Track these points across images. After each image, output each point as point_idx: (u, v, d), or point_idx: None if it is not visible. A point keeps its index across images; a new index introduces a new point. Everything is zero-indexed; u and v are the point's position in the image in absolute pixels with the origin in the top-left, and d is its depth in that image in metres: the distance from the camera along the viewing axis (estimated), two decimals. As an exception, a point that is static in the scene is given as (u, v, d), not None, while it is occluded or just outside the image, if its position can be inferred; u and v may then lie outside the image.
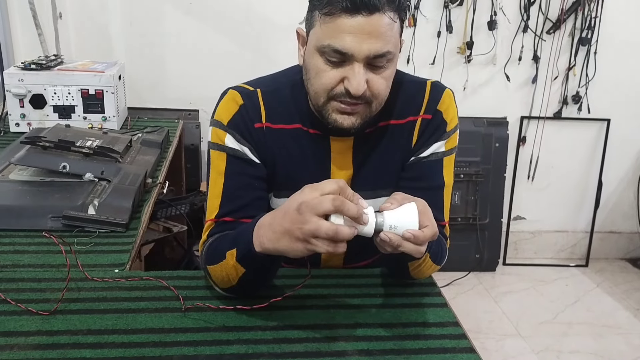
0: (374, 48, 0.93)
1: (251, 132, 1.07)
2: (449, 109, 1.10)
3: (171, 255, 2.28)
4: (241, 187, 1.06)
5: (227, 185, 1.06)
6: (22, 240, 1.22)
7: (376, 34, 0.92)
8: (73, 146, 1.54)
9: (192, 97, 2.69)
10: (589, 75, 2.81)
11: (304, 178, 1.10)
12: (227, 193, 1.06)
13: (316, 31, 0.96)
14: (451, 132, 1.10)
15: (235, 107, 1.06)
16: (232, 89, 1.09)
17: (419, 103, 1.09)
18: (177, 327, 0.94)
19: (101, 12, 2.55)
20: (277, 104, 1.08)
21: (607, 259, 3.17)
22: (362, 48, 0.93)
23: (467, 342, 0.94)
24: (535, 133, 2.90)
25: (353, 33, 0.92)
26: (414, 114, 1.09)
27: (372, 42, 0.92)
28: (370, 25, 0.91)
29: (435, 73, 2.71)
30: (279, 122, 1.08)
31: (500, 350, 2.36)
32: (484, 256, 2.96)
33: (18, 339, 0.89)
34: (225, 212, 1.05)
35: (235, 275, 0.95)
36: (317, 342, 0.92)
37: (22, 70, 1.91)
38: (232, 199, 1.06)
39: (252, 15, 2.61)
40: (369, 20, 0.91)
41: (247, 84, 1.10)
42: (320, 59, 0.97)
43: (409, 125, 1.10)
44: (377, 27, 0.92)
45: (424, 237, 0.86)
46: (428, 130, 1.09)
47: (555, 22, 2.71)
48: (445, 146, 1.10)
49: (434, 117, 1.09)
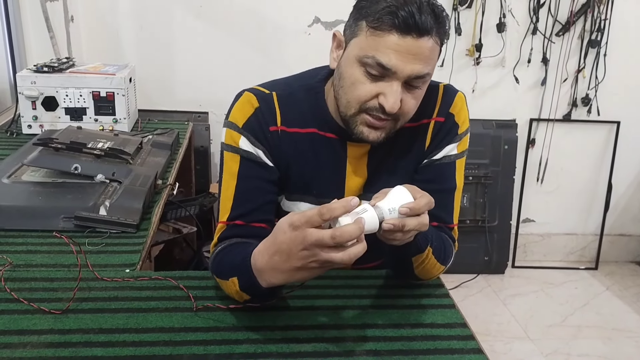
0: (416, 69, 0.94)
1: (266, 135, 1.07)
2: (461, 111, 1.10)
3: (180, 256, 2.30)
4: (253, 191, 1.07)
5: (239, 188, 1.06)
6: (35, 241, 1.24)
7: (422, 56, 0.94)
8: (85, 148, 1.55)
9: (202, 99, 2.71)
10: (598, 78, 2.80)
11: (318, 182, 1.11)
12: (239, 196, 1.06)
13: (360, 41, 0.96)
14: (463, 134, 1.11)
15: (251, 110, 1.06)
16: (247, 91, 1.09)
17: (432, 106, 1.10)
18: (187, 326, 0.95)
19: (112, 15, 2.58)
20: (292, 107, 1.09)
21: (616, 262, 3.15)
22: (405, 68, 0.94)
23: (475, 343, 0.94)
24: (545, 135, 2.90)
25: (400, 52, 0.93)
26: (427, 117, 1.10)
27: (415, 64, 0.94)
28: (418, 47, 0.93)
29: (444, 75, 2.71)
30: (294, 126, 1.09)
31: (509, 353, 2.36)
32: (493, 259, 2.96)
33: (31, 338, 0.91)
34: (236, 215, 1.06)
35: (240, 298, 0.97)
36: (326, 343, 0.93)
37: (34, 72, 1.93)
38: (243, 202, 1.06)
39: (261, 19, 2.63)
40: (417, 43, 0.92)
41: (263, 87, 1.10)
42: (360, 69, 0.97)
43: (422, 128, 1.11)
44: (424, 50, 0.93)
45: (420, 206, 0.86)
46: (441, 133, 1.10)
47: (565, 24, 2.71)
48: (457, 149, 1.11)
49: (447, 119, 1.10)
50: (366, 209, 0.84)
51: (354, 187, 1.12)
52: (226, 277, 0.96)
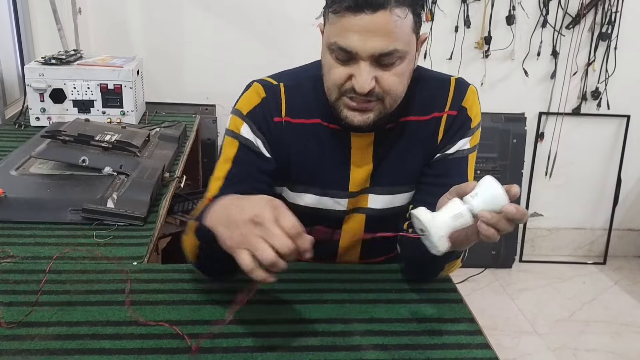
0: (379, 46, 0.92)
1: (269, 125, 1.08)
2: (473, 105, 1.09)
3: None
4: (244, 176, 1.07)
5: (232, 171, 1.07)
6: (43, 233, 1.24)
7: (382, 32, 0.91)
8: (92, 140, 1.55)
9: (210, 92, 2.70)
10: (608, 71, 2.78)
11: (323, 173, 1.11)
12: (230, 177, 1.07)
13: (327, 29, 0.97)
14: (475, 128, 1.10)
15: (257, 100, 1.08)
16: (256, 82, 1.10)
17: (444, 99, 1.09)
18: (194, 319, 0.95)
19: (120, 7, 2.58)
20: (299, 98, 1.09)
21: (625, 256, 3.13)
22: (365, 46, 0.92)
23: (483, 338, 0.94)
24: (554, 129, 2.88)
25: (357, 31, 0.91)
26: (438, 110, 1.09)
27: (376, 41, 0.91)
28: (375, 23, 0.90)
29: (453, 68, 2.69)
30: (299, 117, 1.09)
31: (516, 347, 2.35)
32: (501, 253, 2.95)
33: (39, 329, 0.91)
34: (222, 194, 1.06)
35: (193, 246, 0.96)
36: (333, 336, 0.92)
37: (42, 65, 1.94)
38: (232, 185, 1.05)
39: (270, 12, 2.62)
40: (373, 19, 0.90)
41: (272, 78, 1.11)
42: (330, 55, 0.97)
43: (433, 122, 1.09)
44: (383, 25, 0.91)
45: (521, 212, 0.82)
46: (453, 127, 1.09)
47: (575, 17, 2.68)
48: (470, 143, 1.10)
49: (459, 113, 1.09)
50: (462, 213, 0.82)
51: (359, 179, 1.12)
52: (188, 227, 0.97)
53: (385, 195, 1.13)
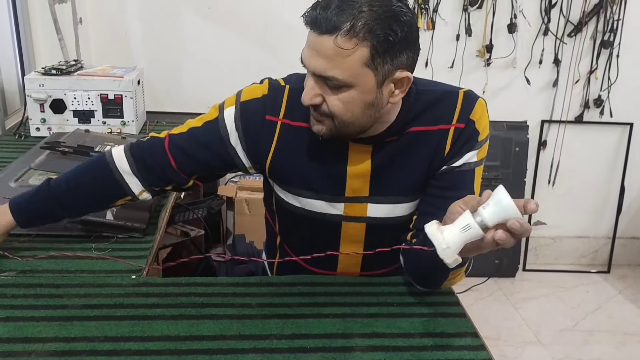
0: (318, 67, 0.96)
1: (257, 122, 1.10)
2: (481, 118, 1.08)
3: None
4: (179, 152, 1.13)
5: (179, 137, 1.15)
6: (40, 245, 1.23)
7: (323, 54, 0.94)
8: (92, 151, 1.55)
9: (210, 101, 2.65)
10: (611, 79, 2.76)
11: (319, 178, 1.11)
12: (187, 138, 1.14)
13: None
14: (483, 141, 1.09)
15: (259, 95, 1.11)
16: (268, 79, 1.15)
17: (451, 111, 1.08)
18: (193, 334, 0.94)
19: (121, 17, 2.57)
20: (300, 102, 1.08)
21: (629, 265, 3.11)
22: (310, 62, 0.97)
23: (486, 354, 0.93)
24: (556, 137, 2.86)
25: (308, 46, 0.97)
26: (445, 123, 1.08)
27: (317, 61, 0.96)
28: (319, 44, 0.94)
29: (454, 77, 2.68)
30: (299, 120, 1.10)
31: (520, 357, 2.33)
32: (504, 262, 2.93)
33: (35, 345, 0.90)
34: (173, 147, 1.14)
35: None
36: (334, 352, 0.91)
37: (42, 75, 1.93)
38: (182, 147, 1.13)
39: (270, 20, 2.61)
40: (319, 39, 0.94)
41: (283, 79, 1.15)
42: None
43: (440, 134, 1.08)
44: (325, 48, 0.94)
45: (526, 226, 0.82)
46: (461, 140, 1.08)
47: (577, 24, 2.68)
48: (477, 156, 1.09)
49: (467, 126, 1.07)
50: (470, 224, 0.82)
51: (356, 186, 1.11)
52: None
53: (385, 204, 1.12)
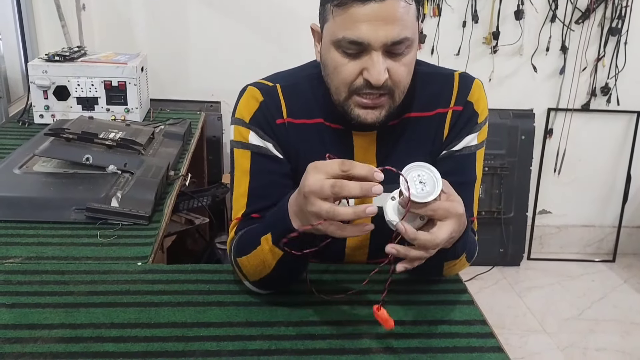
0: (391, 35, 0.89)
1: (273, 128, 1.05)
2: (479, 100, 1.06)
3: (193, 247, 2.29)
4: (267, 186, 1.04)
5: (253, 184, 1.04)
6: (46, 232, 1.22)
7: (392, 19, 0.89)
8: (96, 138, 1.54)
9: (214, 89, 2.68)
10: (618, 66, 2.74)
11: None
12: (253, 192, 1.04)
13: (330, 25, 0.94)
14: (482, 123, 1.07)
15: (256, 104, 1.05)
16: (250, 86, 1.07)
17: (448, 95, 1.06)
18: (199, 321, 0.93)
19: (124, 4, 2.56)
20: (298, 98, 1.06)
21: (635, 254, 3.10)
22: (378, 36, 0.89)
23: (495, 341, 0.92)
24: (563, 125, 2.85)
25: (367, 21, 0.88)
26: (443, 106, 1.06)
27: (388, 29, 0.89)
28: (385, 10, 0.88)
29: (461, 64, 2.66)
30: (301, 117, 1.06)
31: (524, 346, 2.33)
32: (509, 250, 2.92)
33: (42, 332, 0.89)
34: (252, 210, 1.04)
35: (272, 259, 0.91)
36: (341, 339, 0.90)
37: (46, 62, 1.92)
38: (258, 198, 1.03)
39: (274, 8, 2.59)
40: (382, 6, 0.88)
41: (266, 80, 1.08)
42: (337, 52, 0.94)
43: (437, 118, 1.07)
44: (393, 12, 0.88)
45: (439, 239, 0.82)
46: (459, 122, 1.06)
47: (585, 11, 2.65)
48: (477, 138, 1.07)
49: (465, 108, 1.06)
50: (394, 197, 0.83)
51: None
52: (257, 243, 0.92)
53: (391, 192, 1.10)
